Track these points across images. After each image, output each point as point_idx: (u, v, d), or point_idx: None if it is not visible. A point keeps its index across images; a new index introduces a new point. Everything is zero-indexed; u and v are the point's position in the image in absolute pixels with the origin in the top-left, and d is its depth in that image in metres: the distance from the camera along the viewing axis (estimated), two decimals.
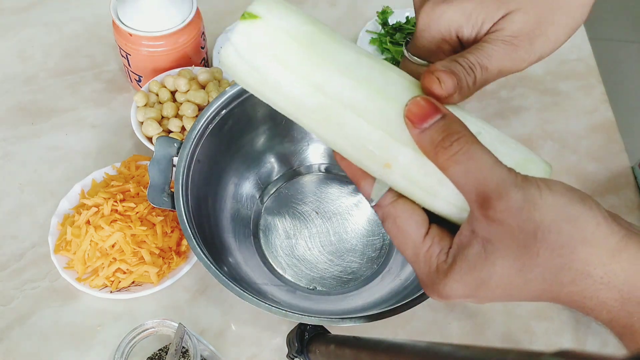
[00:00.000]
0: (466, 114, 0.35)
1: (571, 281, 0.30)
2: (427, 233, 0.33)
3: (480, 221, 0.30)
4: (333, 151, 0.36)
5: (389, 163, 0.33)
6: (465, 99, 0.35)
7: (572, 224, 0.30)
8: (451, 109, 0.33)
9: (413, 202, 0.34)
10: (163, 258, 0.62)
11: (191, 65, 0.75)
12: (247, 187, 0.68)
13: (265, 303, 0.50)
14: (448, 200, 0.33)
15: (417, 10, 0.39)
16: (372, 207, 0.35)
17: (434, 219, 0.35)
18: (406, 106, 0.32)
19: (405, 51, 0.40)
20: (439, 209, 0.34)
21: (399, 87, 0.33)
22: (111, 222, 0.61)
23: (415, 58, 0.40)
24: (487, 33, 0.37)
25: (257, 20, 0.32)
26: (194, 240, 0.53)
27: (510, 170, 0.30)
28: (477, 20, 0.37)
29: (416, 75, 0.36)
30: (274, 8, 0.33)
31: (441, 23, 0.37)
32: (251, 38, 0.33)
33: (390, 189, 0.35)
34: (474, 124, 0.34)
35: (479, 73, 0.35)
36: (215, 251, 0.57)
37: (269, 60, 0.33)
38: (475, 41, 0.38)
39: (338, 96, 0.33)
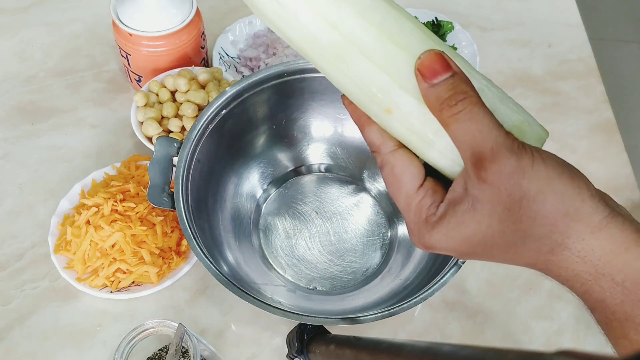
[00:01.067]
0: (471, 69, 0.35)
1: (549, 250, 0.32)
2: (421, 185, 0.34)
3: (472, 180, 0.32)
4: (341, 95, 0.37)
5: (390, 108, 0.34)
6: None
7: (558, 196, 0.31)
8: (457, 61, 0.34)
9: (412, 153, 0.35)
10: (163, 258, 0.62)
11: (191, 65, 0.75)
12: (247, 187, 0.68)
13: (265, 303, 0.50)
14: (443, 153, 0.34)
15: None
16: (372, 153, 0.36)
17: (430, 172, 0.36)
18: (419, 59, 0.33)
19: None
20: (433, 159, 0.35)
21: (411, 36, 0.34)
22: (111, 222, 0.61)
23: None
24: None
25: None
26: (194, 240, 0.53)
27: (508, 134, 0.31)
28: None
29: None
30: None
31: None
32: None
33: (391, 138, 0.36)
34: (477, 81, 0.34)
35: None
36: (215, 251, 0.57)
37: None
38: None
39: (350, 36, 0.33)
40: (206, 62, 0.81)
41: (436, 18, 0.87)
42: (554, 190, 0.31)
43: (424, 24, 0.86)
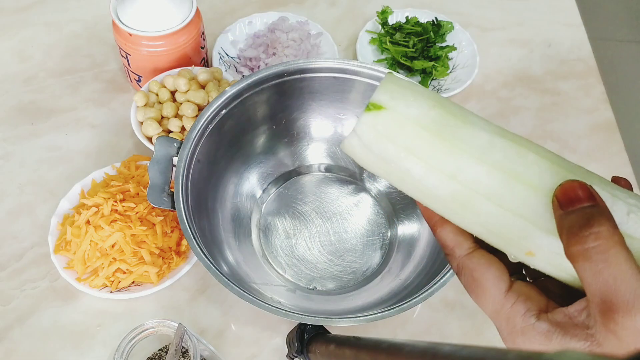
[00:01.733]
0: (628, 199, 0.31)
1: None
2: (509, 288, 0.31)
3: (598, 324, 0.28)
4: (416, 202, 0.34)
5: (531, 251, 0.31)
6: None
7: None
8: (605, 190, 0.31)
9: (490, 255, 0.32)
10: (163, 258, 0.62)
11: (191, 65, 0.75)
12: (247, 187, 0.68)
13: (265, 303, 0.50)
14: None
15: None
16: (446, 256, 0.33)
17: (517, 272, 0.33)
18: (559, 185, 0.29)
19: None
20: (575, 284, 0.32)
21: (538, 169, 0.31)
22: (111, 222, 0.61)
23: None
24: None
25: (383, 111, 0.31)
26: (194, 240, 0.53)
27: None
28: None
29: None
30: (399, 96, 0.31)
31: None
32: (378, 129, 0.31)
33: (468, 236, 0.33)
34: (625, 205, 0.30)
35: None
36: (215, 251, 0.57)
37: (397, 151, 0.31)
38: None
39: (473, 184, 0.31)
40: (206, 62, 0.81)
41: (436, 18, 0.87)
42: None
43: (424, 23, 0.86)
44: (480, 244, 0.33)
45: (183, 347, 0.51)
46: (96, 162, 0.73)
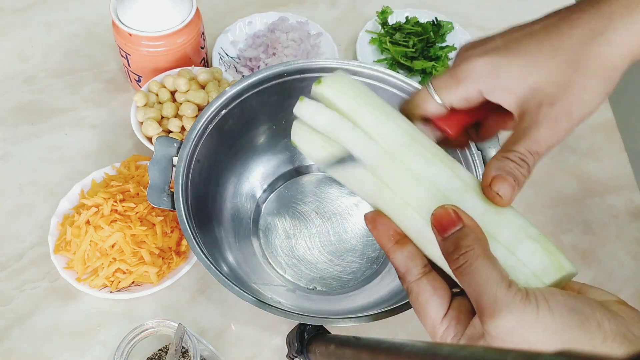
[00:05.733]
0: (509, 210, 0.36)
1: None
2: (445, 314, 0.35)
3: (484, 330, 0.32)
4: (365, 217, 0.39)
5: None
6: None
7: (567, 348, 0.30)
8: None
9: (437, 282, 0.36)
10: (163, 258, 0.62)
11: (191, 65, 0.75)
12: (247, 187, 0.68)
13: (265, 303, 0.50)
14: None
15: (469, 57, 0.39)
16: (399, 278, 0.37)
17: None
18: (432, 214, 0.34)
19: (430, 86, 0.41)
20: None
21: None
22: (111, 222, 0.61)
23: (437, 97, 0.40)
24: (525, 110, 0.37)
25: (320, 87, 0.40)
26: (194, 240, 0.53)
27: (510, 289, 0.31)
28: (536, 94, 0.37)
29: (431, 113, 0.40)
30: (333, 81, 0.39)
31: (498, 85, 0.38)
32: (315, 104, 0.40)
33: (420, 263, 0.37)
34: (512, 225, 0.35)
35: (531, 161, 0.36)
36: (215, 251, 0.57)
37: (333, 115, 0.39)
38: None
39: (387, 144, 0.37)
40: (206, 62, 0.81)
41: (436, 18, 0.87)
42: (563, 341, 0.30)
43: (424, 23, 0.86)
44: (433, 266, 0.37)
45: (183, 347, 0.51)
46: (96, 162, 0.73)
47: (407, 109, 0.42)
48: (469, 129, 0.44)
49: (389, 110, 0.38)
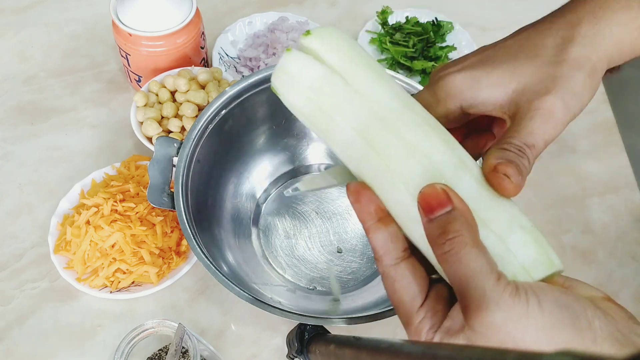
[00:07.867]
0: (506, 201, 0.33)
1: None
2: (421, 305, 0.32)
3: (466, 323, 0.30)
4: (347, 189, 0.35)
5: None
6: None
7: (557, 347, 0.28)
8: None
9: (415, 268, 0.33)
10: (163, 258, 0.62)
11: (191, 65, 0.75)
12: (247, 187, 0.68)
13: (265, 303, 0.50)
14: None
15: (446, 76, 0.38)
16: (375, 259, 0.34)
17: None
18: (420, 192, 0.31)
19: None
20: None
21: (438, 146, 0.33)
22: (111, 222, 0.61)
23: None
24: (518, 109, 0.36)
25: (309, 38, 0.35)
26: (194, 240, 0.53)
27: (499, 282, 0.28)
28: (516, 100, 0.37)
29: None
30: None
31: (479, 96, 0.37)
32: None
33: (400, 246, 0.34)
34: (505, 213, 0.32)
35: (530, 154, 0.34)
36: (215, 251, 0.57)
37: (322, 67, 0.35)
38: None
39: (375, 104, 0.34)
40: (206, 62, 0.81)
41: (436, 18, 0.87)
42: (553, 339, 0.28)
43: (423, 24, 0.86)
44: (412, 250, 0.33)
45: (183, 347, 0.51)
46: (96, 162, 0.73)
47: None
48: None
49: (383, 73, 0.35)
